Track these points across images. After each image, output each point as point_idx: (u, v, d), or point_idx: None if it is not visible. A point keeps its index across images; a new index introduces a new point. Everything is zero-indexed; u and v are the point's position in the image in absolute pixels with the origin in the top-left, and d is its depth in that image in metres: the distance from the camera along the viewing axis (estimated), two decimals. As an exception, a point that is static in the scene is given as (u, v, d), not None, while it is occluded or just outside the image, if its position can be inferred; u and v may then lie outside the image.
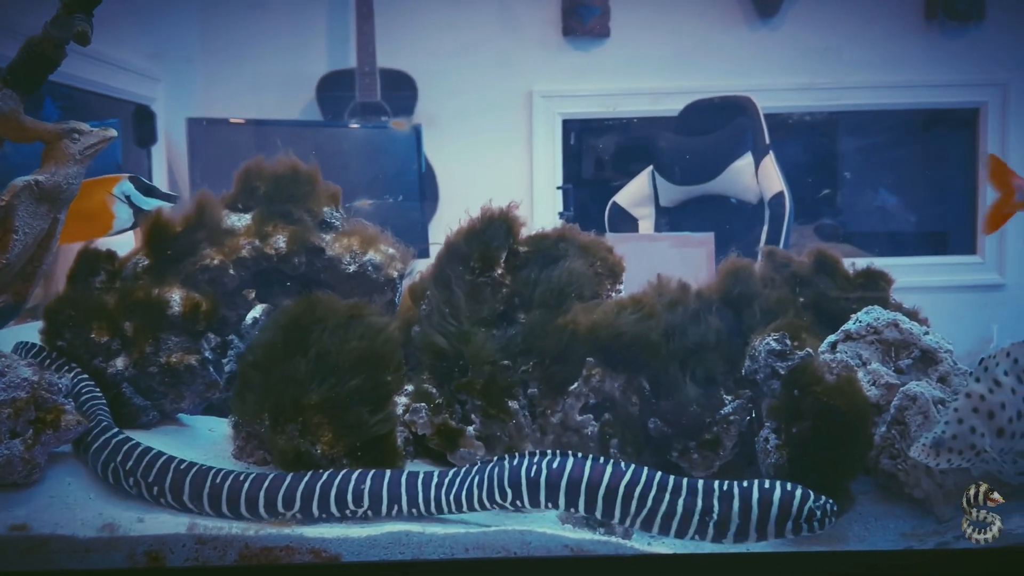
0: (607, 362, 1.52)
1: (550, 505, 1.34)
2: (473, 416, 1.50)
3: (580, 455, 1.34)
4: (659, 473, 1.32)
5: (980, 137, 4.29)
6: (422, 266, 1.80)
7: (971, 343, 4.07)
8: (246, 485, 1.39)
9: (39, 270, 1.59)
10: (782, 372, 1.43)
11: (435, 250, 1.75)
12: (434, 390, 1.54)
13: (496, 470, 1.35)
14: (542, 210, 4.32)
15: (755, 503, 1.27)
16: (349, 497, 1.37)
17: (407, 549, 1.32)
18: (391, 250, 1.77)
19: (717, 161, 3.73)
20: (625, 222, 3.88)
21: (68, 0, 1.58)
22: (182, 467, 1.42)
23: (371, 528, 1.35)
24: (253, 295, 1.78)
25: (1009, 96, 4.16)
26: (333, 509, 1.38)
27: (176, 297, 1.63)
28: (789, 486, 1.28)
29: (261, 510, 1.38)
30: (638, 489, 1.30)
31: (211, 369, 1.68)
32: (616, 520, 1.32)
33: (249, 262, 1.70)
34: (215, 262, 1.66)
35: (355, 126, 4.07)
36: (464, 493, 1.36)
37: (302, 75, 4.28)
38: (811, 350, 1.44)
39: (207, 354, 1.66)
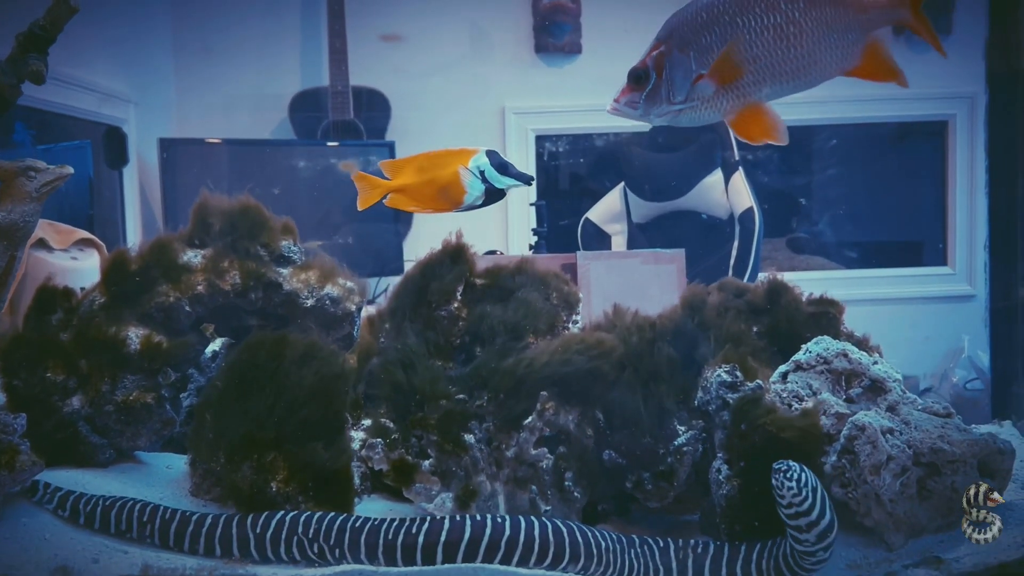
0: (561, 395, 1.53)
1: None
2: (429, 451, 1.50)
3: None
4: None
5: (949, 149, 4.35)
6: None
7: (943, 354, 4.10)
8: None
9: (-3, 307, 1.59)
10: (732, 403, 1.44)
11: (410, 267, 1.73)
12: (391, 424, 1.54)
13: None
14: (516, 227, 4.33)
15: None
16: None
17: (361, 587, 1.32)
18: (349, 283, 1.77)
19: (687, 177, 3.76)
20: (597, 239, 3.90)
21: (22, 40, 1.60)
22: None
23: (325, 567, 1.35)
24: (212, 329, 1.78)
25: (976, 109, 4.21)
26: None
27: (132, 335, 1.63)
28: None
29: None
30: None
31: (167, 406, 1.67)
32: None
33: (205, 298, 1.69)
34: (171, 299, 1.66)
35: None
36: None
37: (274, 95, 4.28)
38: (760, 381, 1.45)
39: (163, 391, 1.66)
